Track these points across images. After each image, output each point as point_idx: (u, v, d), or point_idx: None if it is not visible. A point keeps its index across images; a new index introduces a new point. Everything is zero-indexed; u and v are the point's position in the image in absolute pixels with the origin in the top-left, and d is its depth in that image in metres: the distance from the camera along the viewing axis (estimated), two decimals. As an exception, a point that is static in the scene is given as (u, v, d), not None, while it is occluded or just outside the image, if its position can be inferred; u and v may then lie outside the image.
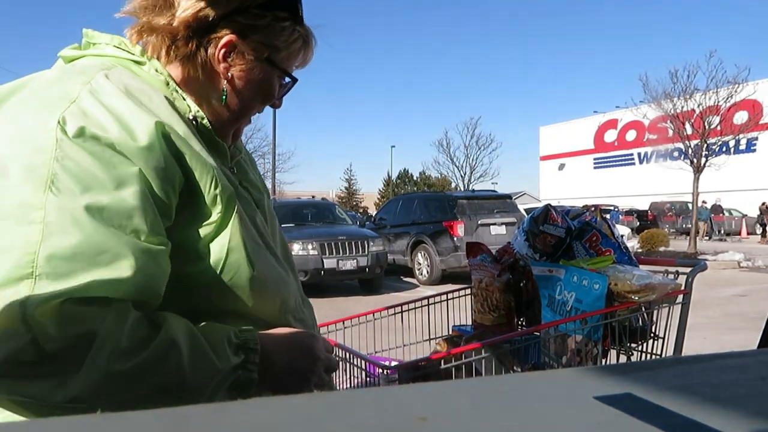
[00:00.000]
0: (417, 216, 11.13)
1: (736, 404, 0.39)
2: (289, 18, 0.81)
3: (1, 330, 0.53)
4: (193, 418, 0.35)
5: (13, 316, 0.53)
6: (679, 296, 1.52)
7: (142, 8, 0.78)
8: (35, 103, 0.64)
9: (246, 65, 0.80)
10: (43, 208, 0.57)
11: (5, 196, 0.58)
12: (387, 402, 0.39)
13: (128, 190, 0.62)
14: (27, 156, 0.59)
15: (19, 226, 0.56)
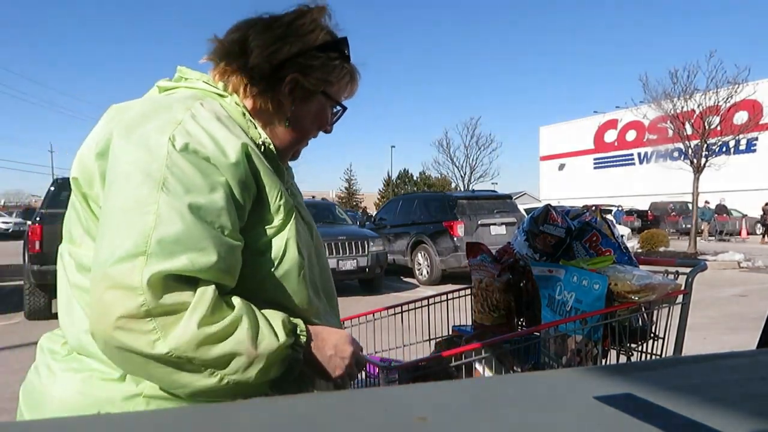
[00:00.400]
0: (417, 216, 11.13)
1: (736, 404, 0.39)
2: (339, 57, 1.00)
3: (120, 293, 0.70)
4: (194, 417, 0.35)
5: (130, 283, 0.70)
6: (679, 296, 1.52)
7: (222, 55, 0.98)
8: (151, 125, 0.81)
9: (306, 98, 0.99)
10: (157, 203, 0.74)
11: (129, 194, 0.75)
12: (387, 402, 0.39)
13: (218, 194, 0.79)
14: (146, 164, 0.77)
15: (139, 216, 0.73)
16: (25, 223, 12.56)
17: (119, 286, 0.70)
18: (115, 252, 0.72)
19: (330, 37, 1.00)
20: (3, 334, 6.23)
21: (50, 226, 6.68)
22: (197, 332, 0.72)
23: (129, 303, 0.70)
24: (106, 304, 0.70)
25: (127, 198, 0.75)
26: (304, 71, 0.97)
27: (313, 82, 0.98)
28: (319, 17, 0.99)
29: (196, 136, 0.80)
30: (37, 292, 6.82)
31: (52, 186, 7.65)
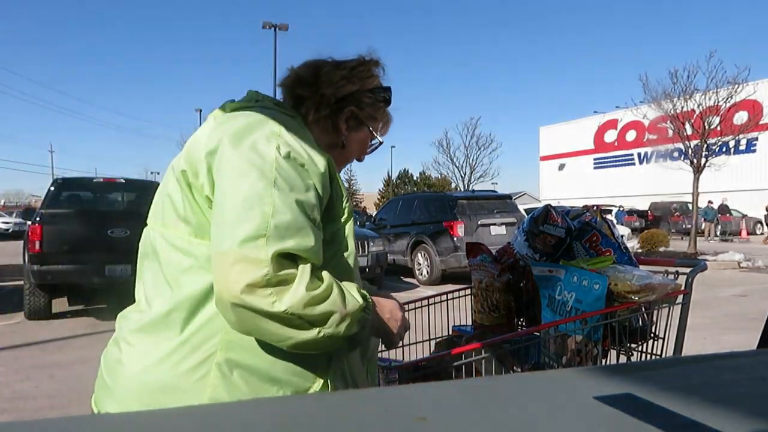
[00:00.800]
0: (417, 216, 11.12)
1: (736, 404, 0.39)
2: (384, 101, 1.25)
3: (248, 266, 0.88)
4: (194, 417, 0.35)
5: (257, 257, 0.89)
6: (679, 296, 1.52)
7: (297, 83, 1.22)
8: (257, 135, 1.01)
9: (357, 128, 1.23)
10: (272, 197, 0.93)
11: (248, 188, 0.94)
12: (387, 402, 0.39)
13: (311, 194, 0.99)
14: (260, 165, 0.96)
15: (259, 206, 0.92)
16: (25, 223, 12.59)
17: (247, 260, 0.88)
18: (240, 233, 0.90)
19: (379, 83, 1.26)
20: (3, 334, 6.23)
21: (50, 226, 6.67)
22: (305, 295, 0.91)
23: (256, 273, 0.88)
24: (236, 274, 0.88)
25: (245, 191, 0.93)
26: (359, 106, 1.21)
27: (364, 116, 1.23)
28: (374, 67, 1.26)
29: (294, 147, 1.00)
30: (37, 292, 6.82)
31: (52, 186, 7.65)
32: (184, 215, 1.03)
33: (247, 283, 0.88)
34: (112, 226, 6.85)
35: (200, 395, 0.96)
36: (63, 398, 4.08)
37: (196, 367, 0.97)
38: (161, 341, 1.00)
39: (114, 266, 6.70)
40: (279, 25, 24.33)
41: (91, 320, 6.97)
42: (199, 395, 0.96)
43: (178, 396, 0.96)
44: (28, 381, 4.47)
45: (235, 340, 0.98)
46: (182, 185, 1.04)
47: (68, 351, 5.46)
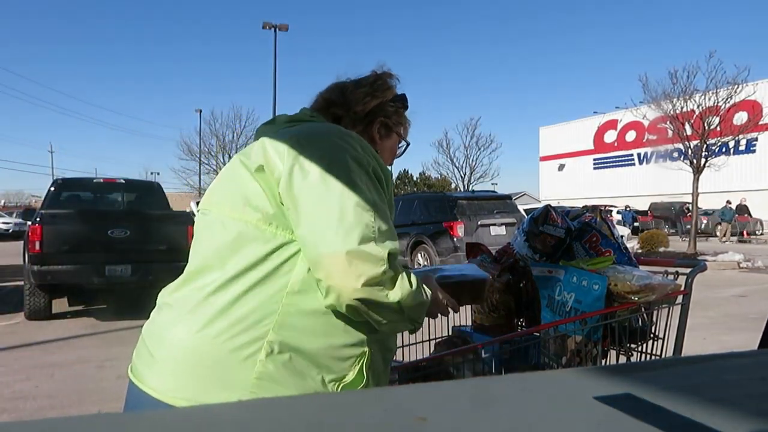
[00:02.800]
0: (417, 216, 11.12)
1: (736, 404, 0.39)
2: (403, 107, 1.38)
3: (368, 264, 1.00)
4: (195, 417, 0.35)
5: (377, 255, 1.01)
6: (678, 297, 1.52)
7: (328, 104, 1.32)
8: (328, 145, 1.11)
9: (387, 135, 1.36)
10: (374, 205, 1.06)
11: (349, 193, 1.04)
12: (387, 402, 0.39)
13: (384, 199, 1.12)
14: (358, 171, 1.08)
15: (365, 211, 1.04)
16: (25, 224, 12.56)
17: (368, 258, 1.00)
18: (354, 235, 1.00)
19: (395, 92, 1.37)
20: (3, 335, 6.23)
21: (50, 226, 6.67)
22: (410, 288, 1.06)
23: (376, 270, 1.00)
24: (357, 270, 0.99)
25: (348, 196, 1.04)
26: (386, 115, 1.34)
27: (393, 123, 1.36)
28: (389, 79, 1.37)
29: (363, 147, 1.12)
30: (38, 293, 6.81)
31: (52, 186, 7.65)
32: (255, 204, 1.09)
33: (368, 277, 0.99)
34: (112, 226, 6.85)
35: (248, 372, 1.01)
36: (63, 398, 4.07)
37: (248, 344, 1.02)
38: (216, 314, 1.04)
39: (114, 266, 6.70)
40: (279, 25, 24.34)
41: (91, 320, 6.97)
42: (247, 372, 1.01)
43: (224, 371, 1.01)
44: (28, 381, 4.47)
45: (288, 323, 1.04)
46: (257, 178, 1.11)
47: (68, 351, 5.46)
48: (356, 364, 1.10)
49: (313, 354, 1.05)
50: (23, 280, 6.92)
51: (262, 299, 1.04)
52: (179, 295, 1.12)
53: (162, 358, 1.07)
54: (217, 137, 34.57)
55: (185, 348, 1.04)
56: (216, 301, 1.05)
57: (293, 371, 1.03)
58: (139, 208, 8.07)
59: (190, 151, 35.72)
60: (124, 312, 6.88)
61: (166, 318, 1.11)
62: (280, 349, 1.03)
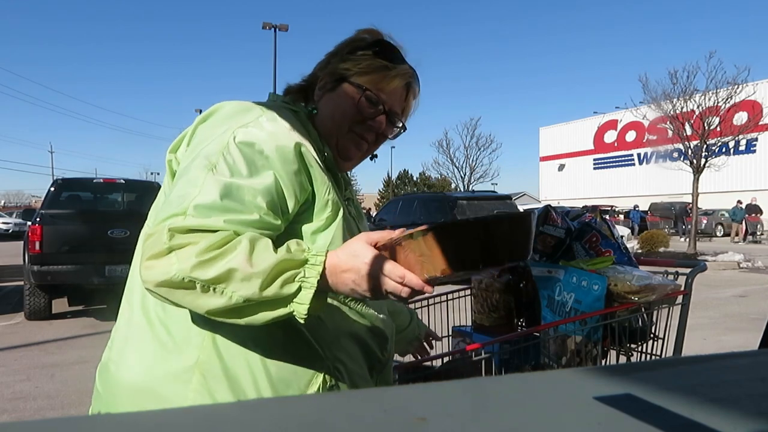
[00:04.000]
0: (417, 216, 11.11)
1: (736, 404, 0.39)
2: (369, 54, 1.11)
3: (155, 239, 0.84)
4: (194, 418, 0.35)
5: (161, 231, 0.83)
6: (678, 297, 1.52)
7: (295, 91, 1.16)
8: (225, 127, 0.96)
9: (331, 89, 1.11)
10: (204, 181, 0.88)
11: (188, 175, 0.91)
12: (387, 402, 0.39)
13: (259, 180, 0.91)
14: (208, 154, 0.93)
15: (188, 190, 0.88)
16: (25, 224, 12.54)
17: (155, 234, 0.85)
18: (162, 214, 0.87)
19: (363, 42, 1.12)
20: (3, 335, 6.23)
21: (50, 226, 6.67)
22: (194, 258, 0.81)
23: (158, 245, 0.83)
24: (145, 249, 0.86)
25: (185, 178, 0.91)
26: (329, 69, 1.11)
27: (331, 72, 1.10)
28: (362, 34, 1.14)
29: (257, 135, 0.94)
30: (37, 293, 6.81)
31: (52, 186, 7.65)
32: None
33: (149, 255, 0.83)
34: (112, 226, 6.85)
35: (182, 402, 0.91)
36: (63, 398, 4.07)
37: (178, 373, 0.92)
38: (143, 344, 0.96)
39: (114, 266, 6.70)
40: (279, 25, 24.34)
41: (91, 320, 6.97)
42: (180, 402, 0.91)
43: (159, 402, 0.91)
44: (28, 381, 4.47)
45: (219, 344, 0.93)
46: (168, 177, 1.04)
47: (68, 351, 5.46)
48: (314, 382, 0.96)
49: (254, 378, 0.93)
50: (23, 280, 6.92)
51: (189, 316, 0.94)
52: (119, 316, 1.06)
53: (104, 391, 1.02)
54: (217, 137, 34.45)
55: (119, 380, 0.98)
56: (142, 325, 0.97)
57: (235, 393, 0.91)
58: (139, 208, 8.05)
59: (190, 152, 35.68)
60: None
61: (110, 342, 1.06)
62: (215, 378, 0.92)
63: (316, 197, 0.98)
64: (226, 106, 1.02)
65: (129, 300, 1.04)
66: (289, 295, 0.84)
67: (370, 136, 1.11)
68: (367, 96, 1.07)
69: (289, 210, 0.94)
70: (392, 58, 1.11)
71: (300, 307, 0.84)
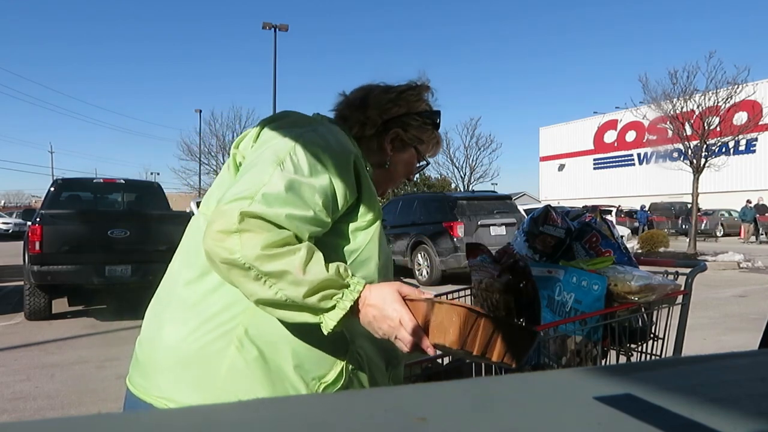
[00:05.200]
0: (417, 217, 11.11)
1: (736, 404, 0.39)
2: (431, 124, 1.30)
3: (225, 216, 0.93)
4: (194, 418, 0.35)
5: (232, 210, 0.93)
6: (678, 297, 1.52)
7: (346, 106, 1.28)
8: (292, 130, 1.09)
9: (402, 148, 1.28)
10: (271, 173, 0.99)
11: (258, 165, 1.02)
12: (387, 402, 0.39)
13: (318, 180, 1.01)
14: (277, 150, 1.04)
15: (258, 177, 0.98)
16: (25, 224, 12.55)
17: (226, 212, 0.94)
18: (231, 194, 0.97)
19: (428, 107, 1.30)
20: (3, 335, 6.23)
21: (50, 226, 6.67)
22: (260, 248, 0.91)
23: (227, 223, 0.92)
24: (213, 223, 0.95)
25: (255, 168, 1.01)
26: (405, 128, 1.26)
27: (409, 137, 1.27)
28: (423, 92, 1.30)
29: (319, 138, 1.07)
30: (37, 293, 6.81)
31: (52, 186, 7.65)
32: None
33: (217, 230, 0.92)
34: (112, 226, 6.85)
35: (217, 366, 1.00)
36: (63, 398, 4.07)
37: (216, 339, 1.01)
38: (185, 311, 1.05)
39: (114, 267, 6.70)
40: (279, 25, 24.34)
41: (91, 320, 6.97)
42: (216, 366, 1.00)
43: (194, 368, 1.01)
44: (28, 381, 4.47)
45: (257, 319, 1.01)
46: (231, 168, 1.13)
47: (68, 351, 5.46)
48: (336, 364, 1.05)
49: (285, 350, 1.02)
50: (23, 280, 6.92)
51: (231, 295, 1.02)
52: (157, 295, 1.15)
53: (141, 357, 1.10)
54: (217, 137, 34.61)
55: (157, 347, 1.06)
56: (186, 298, 1.06)
57: (264, 367, 1.01)
58: (139, 208, 8.07)
59: (190, 152, 35.75)
60: (124, 312, 6.88)
61: (146, 318, 1.14)
62: (249, 344, 1.01)
63: (362, 201, 1.10)
64: (292, 115, 1.18)
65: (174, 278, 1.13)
66: (324, 309, 0.95)
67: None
68: (424, 165, 1.36)
69: (339, 208, 1.05)
70: (439, 128, 1.32)
71: (329, 322, 0.95)
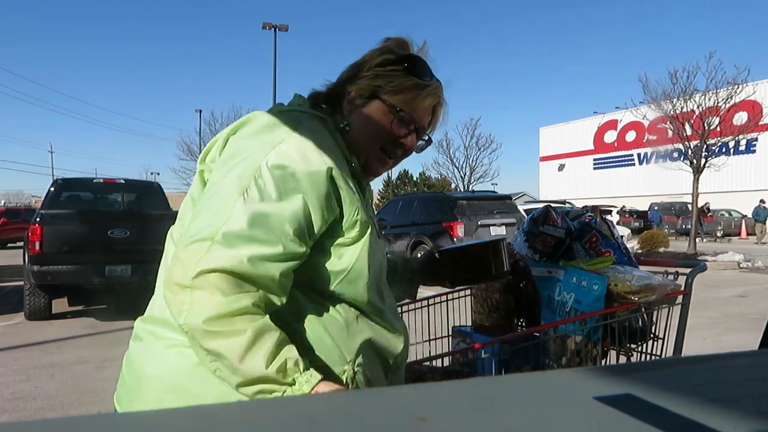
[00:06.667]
0: (417, 217, 11.12)
1: (736, 404, 0.39)
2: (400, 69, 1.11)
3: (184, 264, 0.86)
4: (194, 418, 0.35)
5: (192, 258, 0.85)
6: (678, 297, 1.52)
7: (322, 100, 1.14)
8: (258, 144, 0.96)
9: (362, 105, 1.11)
10: (234, 205, 0.89)
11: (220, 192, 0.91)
12: (387, 402, 0.39)
13: (289, 205, 0.91)
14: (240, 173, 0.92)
15: (220, 211, 0.89)
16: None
17: (184, 259, 0.87)
18: (191, 232, 0.89)
19: (394, 56, 1.11)
20: (3, 335, 6.23)
21: (50, 226, 6.67)
22: (202, 323, 0.84)
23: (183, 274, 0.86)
24: (172, 268, 0.89)
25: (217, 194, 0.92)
26: (358, 83, 1.09)
27: (362, 87, 1.09)
28: (392, 45, 1.13)
29: (289, 155, 0.93)
30: (37, 293, 6.82)
31: (52, 186, 7.65)
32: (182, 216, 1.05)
33: (173, 281, 0.86)
34: (112, 226, 6.85)
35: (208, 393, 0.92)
36: (63, 398, 4.07)
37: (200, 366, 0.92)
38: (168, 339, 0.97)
39: (114, 267, 6.70)
40: (279, 25, 24.35)
41: (91, 320, 6.97)
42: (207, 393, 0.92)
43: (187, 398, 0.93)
44: (28, 381, 4.47)
45: None
46: (199, 185, 1.04)
47: (68, 351, 5.46)
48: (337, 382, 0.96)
49: None
50: (23, 280, 6.92)
51: None
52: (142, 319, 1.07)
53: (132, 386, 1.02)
54: (217, 137, 34.52)
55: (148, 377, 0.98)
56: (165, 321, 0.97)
57: None
58: (139, 208, 8.07)
59: (190, 152, 35.71)
60: (124, 312, 6.88)
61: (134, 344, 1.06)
62: None
63: (344, 217, 0.99)
64: (256, 119, 1.02)
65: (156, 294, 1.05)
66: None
67: (399, 152, 1.13)
68: (399, 117, 1.09)
69: (315, 231, 0.96)
70: (423, 74, 1.11)
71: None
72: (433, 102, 1.12)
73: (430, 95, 1.11)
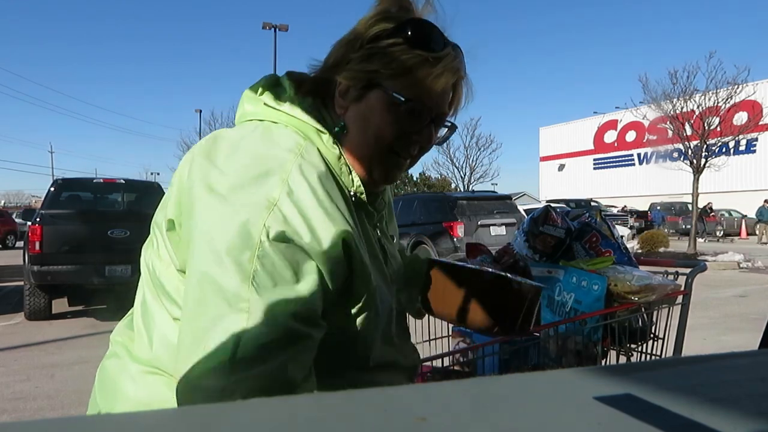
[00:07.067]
0: (417, 217, 11.11)
1: (736, 404, 0.39)
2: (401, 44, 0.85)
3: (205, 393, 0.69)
4: (194, 417, 0.35)
5: (214, 388, 0.68)
6: (678, 297, 1.52)
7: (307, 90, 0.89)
8: (242, 198, 0.73)
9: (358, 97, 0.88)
10: (248, 298, 0.69)
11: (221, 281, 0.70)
12: (387, 402, 0.39)
13: (304, 285, 0.72)
14: (238, 251, 0.70)
15: (230, 315, 0.69)
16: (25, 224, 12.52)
17: (204, 390, 0.71)
18: (198, 360, 0.69)
19: (392, 23, 0.82)
20: (3, 335, 6.23)
21: (50, 226, 6.68)
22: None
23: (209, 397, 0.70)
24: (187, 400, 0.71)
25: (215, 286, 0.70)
26: (349, 70, 0.83)
27: (355, 76, 0.83)
28: (388, 6, 0.84)
29: (292, 220, 0.72)
30: (37, 293, 6.82)
31: (52, 186, 7.65)
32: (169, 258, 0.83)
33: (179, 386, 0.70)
34: (112, 226, 6.86)
35: None
36: (63, 398, 4.08)
37: None
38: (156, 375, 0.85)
39: (114, 267, 6.71)
40: (279, 25, 24.35)
41: (91, 320, 6.97)
42: None
43: None
44: (28, 381, 4.47)
45: None
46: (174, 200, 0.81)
47: (68, 351, 5.46)
48: None
49: None
50: (23, 280, 6.93)
51: None
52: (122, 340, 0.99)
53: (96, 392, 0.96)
54: (217, 137, 34.49)
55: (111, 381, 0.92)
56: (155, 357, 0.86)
57: None
58: (139, 208, 8.07)
59: (190, 152, 35.69)
60: (124, 312, 6.84)
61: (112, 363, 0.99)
62: None
63: (354, 283, 0.82)
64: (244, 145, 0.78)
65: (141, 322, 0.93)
66: None
67: (414, 149, 0.88)
68: (408, 108, 0.82)
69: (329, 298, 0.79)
70: (432, 42, 0.82)
71: None
72: (450, 80, 0.84)
73: (446, 71, 0.83)
